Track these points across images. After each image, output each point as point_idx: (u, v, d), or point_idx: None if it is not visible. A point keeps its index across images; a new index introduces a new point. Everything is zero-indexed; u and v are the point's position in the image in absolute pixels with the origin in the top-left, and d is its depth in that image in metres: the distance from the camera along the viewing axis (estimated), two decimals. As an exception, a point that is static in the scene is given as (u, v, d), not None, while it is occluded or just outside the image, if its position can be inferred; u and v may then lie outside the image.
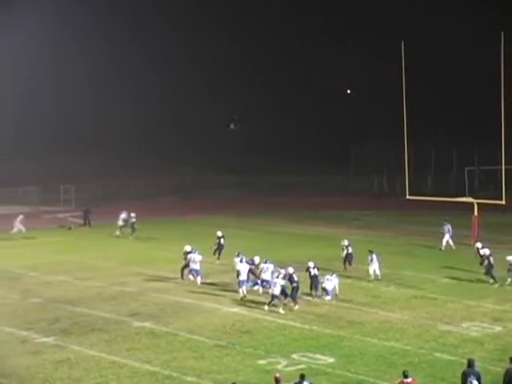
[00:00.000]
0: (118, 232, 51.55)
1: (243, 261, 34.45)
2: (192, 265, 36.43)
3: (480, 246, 38.47)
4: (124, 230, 51.29)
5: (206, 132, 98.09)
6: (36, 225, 55.77)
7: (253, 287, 34.24)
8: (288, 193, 75.16)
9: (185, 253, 37.08)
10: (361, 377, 23.73)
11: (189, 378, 23.84)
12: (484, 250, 36.90)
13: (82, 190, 69.94)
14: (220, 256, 41.69)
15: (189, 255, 36.74)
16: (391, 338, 27.46)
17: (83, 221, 56.29)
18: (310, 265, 33.64)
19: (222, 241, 42.44)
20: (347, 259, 38.98)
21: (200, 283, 35.96)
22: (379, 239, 49.21)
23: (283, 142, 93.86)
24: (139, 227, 50.43)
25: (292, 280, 31.98)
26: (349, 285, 35.31)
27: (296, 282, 31.96)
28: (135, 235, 50.20)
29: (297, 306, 31.46)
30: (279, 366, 24.59)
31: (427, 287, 35.38)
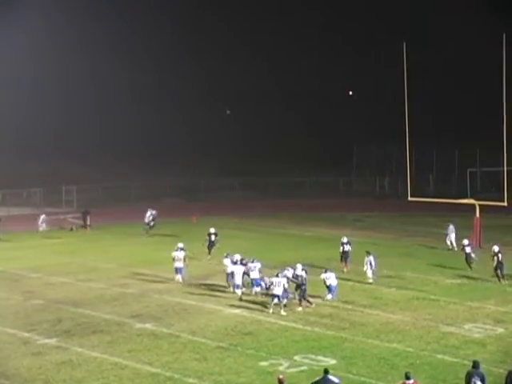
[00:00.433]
0: (144, 229, 52.60)
1: (238, 262, 34.45)
2: (176, 263, 36.80)
3: (466, 243, 39.89)
4: (151, 226, 52.70)
5: (210, 134, 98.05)
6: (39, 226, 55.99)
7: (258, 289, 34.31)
8: (290, 194, 75.24)
9: (177, 249, 37.58)
10: (363, 378, 23.71)
11: (190, 380, 23.84)
12: (493, 247, 37.22)
13: (84, 192, 70.05)
14: (211, 252, 42.18)
15: (173, 253, 37.15)
16: (393, 340, 27.44)
17: (82, 222, 56.44)
18: (298, 267, 33.72)
19: (213, 237, 43.06)
20: (344, 257, 39.25)
21: (181, 281, 36.33)
22: (381, 241, 49.20)
23: (286, 144, 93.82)
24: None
25: (301, 281, 32.06)
26: (350, 286, 35.31)
27: (304, 284, 31.98)
28: (151, 232, 51.63)
29: (300, 308, 31.51)
30: (281, 368, 24.59)
31: (429, 289, 35.35)
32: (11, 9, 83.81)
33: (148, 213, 53.10)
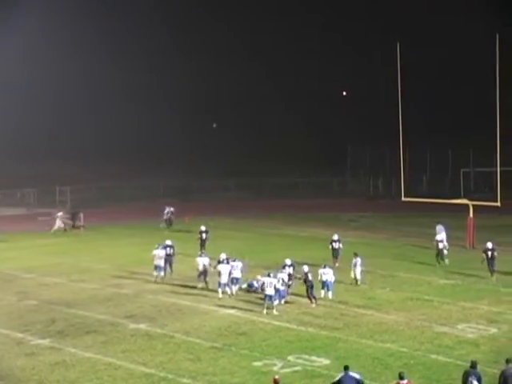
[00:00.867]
0: (163, 224, 54.60)
1: (225, 262, 34.47)
2: (156, 260, 37.06)
3: (439, 239, 41.32)
4: (171, 222, 54.66)
5: (204, 134, 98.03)
6: (33, 227, 55.94)
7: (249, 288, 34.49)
8: (284, 195, 75.28)
9: (165, 246, 38.07)
10: (356, 378, 23.73)
11: (184, 380, 23.84)
12: (487, 244, 37.95)
13: (78, 192, 69.98)
14: (203, 250, 42.12)
15: (154, 251, 37.42)
16: (387, 340, 27.47)
17: (72, 223, 56.22)
18: (287, 262, 33.83)
19: (204, 235, 43.77)
20: (334, 254, 39.83)
21: (160, 280, 36.70)
22: (375, 241, 49.28)
23: (280, 145, 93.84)
24: (139, 228, 50.80)
25: (307, 279, 32.38)
26: (344, 287, 35.32)
27: (310, 281, 32.30)
28: (172, 228, 53.14)
29: (314, 305, 31.93)
30: (275, 368, 24.59)
31: (423, 289, 35.40)
32: (5, 11, 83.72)
33: (166, 210, 55.43)
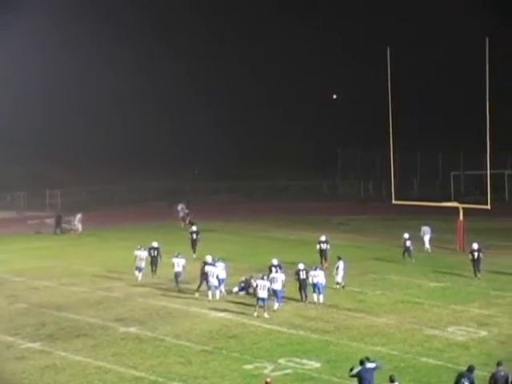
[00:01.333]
0: (183, 224, 55.99)
1: (214, 264, 34.50)
2: (137, 262, 37.66)
3: (407, 237, 42.50)
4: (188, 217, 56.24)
5: (194, 137, 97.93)
6: (24, 229, 55.87)
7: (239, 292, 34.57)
8: (274, 198, 75.26)
9: (151, 248, 38.64)
10: (347, 382, 23.67)
11: (175, 383, 23.83)
12: (473, 245, 38.65)
13: (68, 195, 69.83)
14: (195, 251, 43.29)
15: (136, 252, 37.94)
16: (377, 343, 27.51)
17: (55, 226, 55.75)
18: (274, 262, 33.89)
19: (195, 236, 44.44)
20: (322, 255, 40.22)
21: (139, 279, 37.18)
22: (365, 244, 49.33)
23: (271, 148, 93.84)
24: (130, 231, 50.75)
25: (299, 277, 32.87)
26: (334, 290, 35.34)
27: (303, 280, 32.75)
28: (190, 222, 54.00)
29: (305, 302, 32.55)
30: (266, 371, 24.61)
31: (413, 292, 35.48)
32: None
33: (179, 207, 57.51)
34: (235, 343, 27.63)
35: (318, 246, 40.79)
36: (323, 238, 41.08)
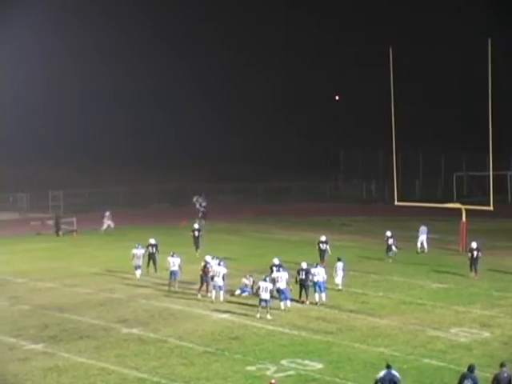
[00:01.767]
0: (202, 222, 56.19)
1: (221, 264, 34.47)
2: (135, 260, 38.02)
3: (389, 235, 43.13)
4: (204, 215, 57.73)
5: (198, 139, 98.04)
6: (26, 231, 55.90)
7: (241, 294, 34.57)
8: (277, 199, 75.21)
9: (148, 245, 39.00)
10: (349, 383, 23.77)
11: (177, 385, 23.87)
12: (472, 244, 38.90)
13: (71, 197, 69.81)
14: (198, 249, 43.65)
15: (133, 250, 38.22)
16: (380, 344, 27.49)
17: (55, 227, 55.83)
18: (276, 262, 33.91)
19: (197, 233, 44.93)
20: (321, 255, 40.38)
21: (138, 278, 37.68)
22: (368, 245, 49.25)
23: (274, 149, 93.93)
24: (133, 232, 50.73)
25: (301, 277, 32.94)
26: (337, 291, 35.32)
27: (302, 279, 32.85)
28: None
29: (307, 302, 32.64)
30: (268, 373, 24.60)
31: (416, 293, 35.45)
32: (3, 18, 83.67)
33: (194, 199, 58.46)
34: (238, 345, 27.63)
35: (318, 246, 41.12)
36: (323, 239, 41.41)
